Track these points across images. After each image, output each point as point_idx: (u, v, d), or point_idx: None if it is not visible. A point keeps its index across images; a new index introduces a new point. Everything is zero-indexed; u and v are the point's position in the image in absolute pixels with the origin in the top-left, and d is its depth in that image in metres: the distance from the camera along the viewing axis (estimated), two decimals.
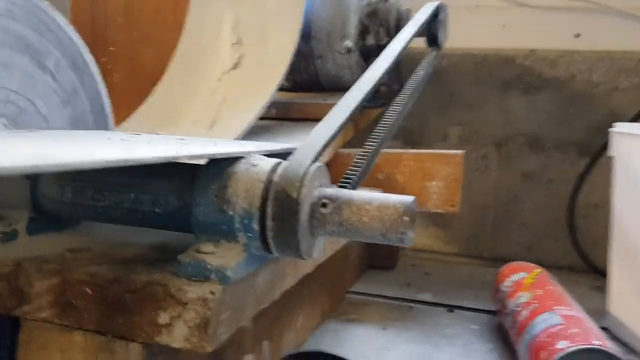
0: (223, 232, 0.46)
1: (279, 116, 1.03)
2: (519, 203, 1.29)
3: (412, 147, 1.36)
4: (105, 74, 1.36)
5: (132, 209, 0.49)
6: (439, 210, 0.96)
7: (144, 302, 0.43)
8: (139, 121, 0.87)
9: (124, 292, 0.44)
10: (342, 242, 0.80)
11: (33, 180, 0.51)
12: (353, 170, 0.60)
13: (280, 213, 0.44)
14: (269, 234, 0.45)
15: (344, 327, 0.89)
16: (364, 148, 0.66)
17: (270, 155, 0.51)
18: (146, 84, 1.10)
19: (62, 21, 0.62)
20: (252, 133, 0.90)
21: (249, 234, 0.45)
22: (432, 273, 1.22)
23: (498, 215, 1.31)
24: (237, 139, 0.84)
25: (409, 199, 0.45)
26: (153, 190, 0.49)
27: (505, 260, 1.09)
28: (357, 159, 0.63)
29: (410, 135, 1.36)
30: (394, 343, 0.83)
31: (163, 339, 0.43)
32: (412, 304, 1.01)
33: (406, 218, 0.44)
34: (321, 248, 0.50)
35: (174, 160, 0.38)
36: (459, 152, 0.96)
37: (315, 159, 0.48)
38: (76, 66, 0.66)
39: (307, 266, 0.63)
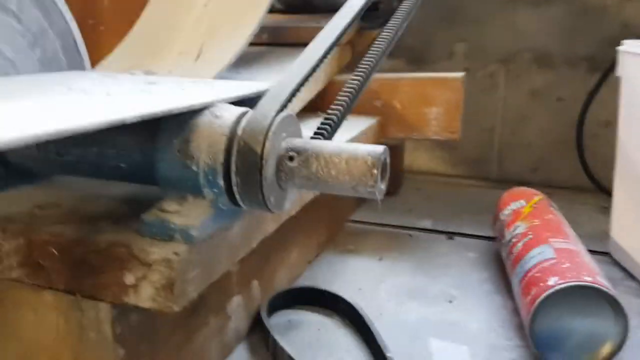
0: (188, 188, 0.44)
1: (271, 41, 0.99)
2: (527, 122, 1.25)
3: (416, 66, 1.30)
4: None
5: (97, 163, 0.48)
6: (438, 137, 0.93)
7: (109, 263, 0.42)
8: (122, 56, 0.84)
9: (89, 253, 0.43)
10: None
11: None
12: (338, 103, 0.57)
13: (245, 168, 0.42)
14: (235, 189, 0.43)
15: (340, 259, 0.89)
16: (351, 79, 0.63)
17: (240, 101, 0.48)
18: (137, 6, 1.05)
19: None
20: (242, 61, 0.86)
21: (215, 190, 0.44)
22: (435, 197, 1.20)
23: (505, 135, 1.27)
24: (223, 70, 0.80)
25: (379, 149, 0.43)
26: (116, 144, 0.47)
27: (511, 181, 1.08)
28: (343, 91, 0.60)
29: (413, 53, 1.30)
30: (389, 275, 0.83)
31: (130, 299, 0.42)
32: (411, 232, 1.00)
33: (375, 171, 0.42)
34: (293, 199, 0.48)
35: (118, 124, 0.36)
36: (459, 75, 0.92)
37: (282, 108, 0.45)
38: (42, 4, 0.62)
39: (291, 209, 0.62)
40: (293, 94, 0.48)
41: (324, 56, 0.55)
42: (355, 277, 0.83)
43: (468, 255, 0.91)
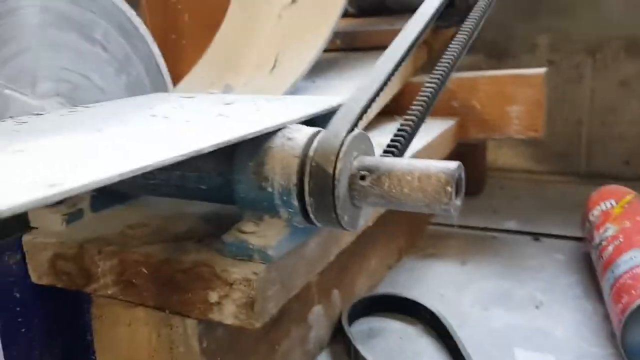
0: (265, 208, 0.46)
1: (344, 47, 0.99)
2: (617, 114, 1.18)
3: (496, 61, 1.27)
4: (176, 15, 1.36)
5: (180, 186, 0.50)
6: (520, 136, 0.91)
7: (194, 281, 0.45)
8: (202, 72, 0.87)
9: (175, 272, 0.45)
10: None
11: None
12: (412, 112, 0.57)
13: (318, 189, 0.43)
14: (310, 209, 0.44)
15: (421, 264, 0.89)
16: (426, 85, 0.62)
17: (310, 121, 0.49)
18: (216, 20, 1.09)
19: None
20: (316, 69, 0.87)
21: (290, 210, 0.45)
22: (520, 196, 1.17)
23: (593, 127, 1.21)
24: (297, 80, 0.82)
25: (452, 166, 0.42)
26: (197, 168, 0.49)
27: (601, 176, 1.03)
28: (418, 98, 0.59)
29: (494, 47, 1.26)
30: (472, 280, 0.82)
31: (215, 316, 0.44)
32: (495, 234, 0.98)
33: (449, 188, 0.42)
34: (367, 217, 0.48)
35: (194, 155, 0.38)
36: (540, 70, 0.88)
37: (353, 127, 0.46)
38: (125, 32, 0.66)
39: (368, 219, 0.62)
40: (364, 111, 0.48)
41: (395, 69, 0.55)
42: (437, 282, 0.82)
43: (556, 257, 0.88)
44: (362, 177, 0.44)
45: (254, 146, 0.46)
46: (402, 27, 0.75)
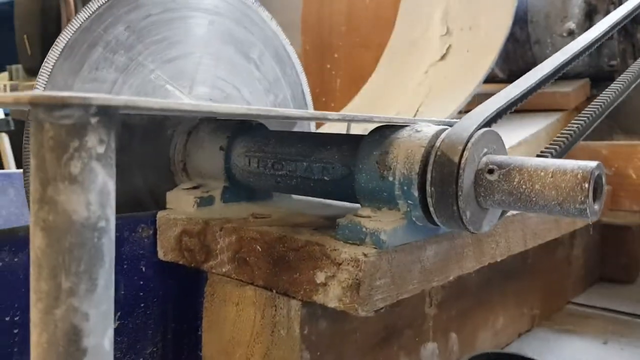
0: (384, 199, 0.45)
1: None
2: None
3: None
4: (330, 80, 1.45)
5: (305, 177, 0.51)
6: None
7: (303, 260, 0.44)
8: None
9: (287, 250, 0.45)
10: (551, 235, 0.72)
11: (227, 151, 0.57)
12: (584, 115, 0.55)
13: (440, 178, 0.42)
14: (430, 201, 0.43)
15: (557, 336, 0.80)
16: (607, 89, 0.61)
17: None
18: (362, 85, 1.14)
19: (265, 15, 0.68)
20: None
21: (410, 201, 0.44)
22: None
23: None
24: None
25: (591, 164, 0.39)
26: (323, 159, 0.50)
27: None
28: (595, 101, 0.58)
29: None
30: (614, 359, 0.72)
31: (319, 297, 0.43)
32: None
33: (586, 185, 0.38)
34: (494, 222, 0.45)
35: (345, 121, 0.39)
36: None
37: (485, 124, 0.44)
38: (278, 57, 0.71)
39: (495, 253, 0.58)
40: (498, 112, 0.46)
41: (534, 88, 0.53)
42: (571, 356, 0.73)
43: None
44: (490, 171, 0.42)
45: (381, 137, 0.46)
46: (556, 91, 0.73)
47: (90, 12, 0.51)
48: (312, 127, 0.77)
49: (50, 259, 0.28)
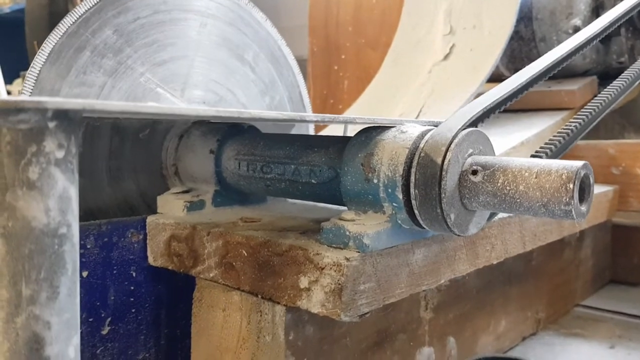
0: (369, 201, 0.44)
1: None
2: None
3: None
4: (337, 81, 1.44)
5: (293, 181, 0.51)
6: None
7: (287, 265, 0.44)
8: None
9: (272, 255, 0.45)
10: (552, 236, 0.70)
11: (217, 155, 0.56)
12: (582, 114, 0.53)
13: (424, 180, 0.41)
14: (414, 204, 0.42)
15: (562, 340, 0.78)
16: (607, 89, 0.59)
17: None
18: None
19: (259, 16, 0.68)
20: None
21: (394, 204, 0.43)
22: None
23: None
24: None
25: (577, 164, 0.38)
26: (310, 161, 0.49)
27: None
28: (594, 101, 0.56)
29: None
30: None
31: (303, 303, 0.43)
32: None
33: (571, 185, 0.37)
34: (482, 225, 0.44)
35: (325, 122, 0.38)
36: None
37: (470, 124, 0.43)
38: (274, 58, 0.70)
39: (491, 255, 0.57)
40: (485, 112, 0.45)
41: (525, 86, 0.52)
42: None
43: None
44: (474, 172, 0.41)
45: (366, 138, 0.45)
46: (562, 90, 0.71)
47: (77, 17, 0.51)
48: (310, 129, 0.77)
49: (10, 266, 0.28)
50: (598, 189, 0.82)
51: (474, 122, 0.44)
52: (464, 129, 0.42)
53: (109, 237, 0.52)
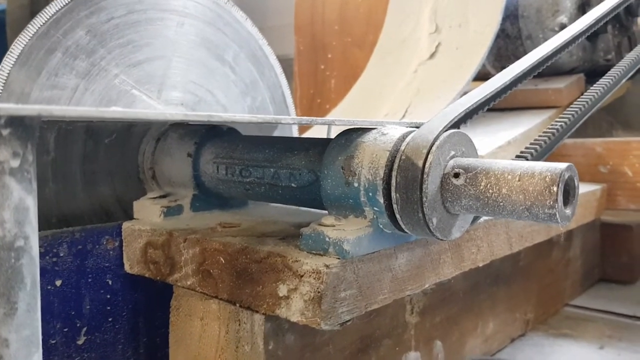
0: (350, 206, 0.43)
1: None
2: None
3: None
4: (324, 80, 1.42)
5: (273, 184, 0.49)
6: None
7: (265, 272, 0.42)
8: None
9: (250, 262, 0.43)
10: (540, 237, 0.70)
11: (195, 158, 0.54)
12: (566, 115, 0.52)
13: (405, 183, 0.39)
14: (395, 207, 0.41)
15: (551, 341, 0.77)
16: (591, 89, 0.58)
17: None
18: None
19: (239, 15, 0.66)
20: None
21: (376, 208, 0.41)
22: None
23: None
24: None
25: (561, 166, 0.37)
26: (290, 164, 0.48)
27: None
28: (578, 101, 0.55)
29: None
30: None
31: (282, 311, 0.41)
32: None
33: (555, 188, 0.36)
34: (466, 228, 0.43)
35: (302, 123, 0.37)
36: None
37: (452, 125, 0.42)
38: (255, 58, 0.69)
39: (477, 258, 0.56)
40: (468, 112, 0.44)
41: (509, 86, 0.50)
42: None
43: None
44: (456, 175, 0.39)
45: (347, 140, 0.44)
46: (550, 88, 0.69)
47: (48, 17, 0.50)
48: (294, 131, 0.75)
49: None
50: (586, 188, 0.82)
51: (457, 123, 0.43)
52: (446, 130, 0.41)
53: (83, 244, 0.51)
